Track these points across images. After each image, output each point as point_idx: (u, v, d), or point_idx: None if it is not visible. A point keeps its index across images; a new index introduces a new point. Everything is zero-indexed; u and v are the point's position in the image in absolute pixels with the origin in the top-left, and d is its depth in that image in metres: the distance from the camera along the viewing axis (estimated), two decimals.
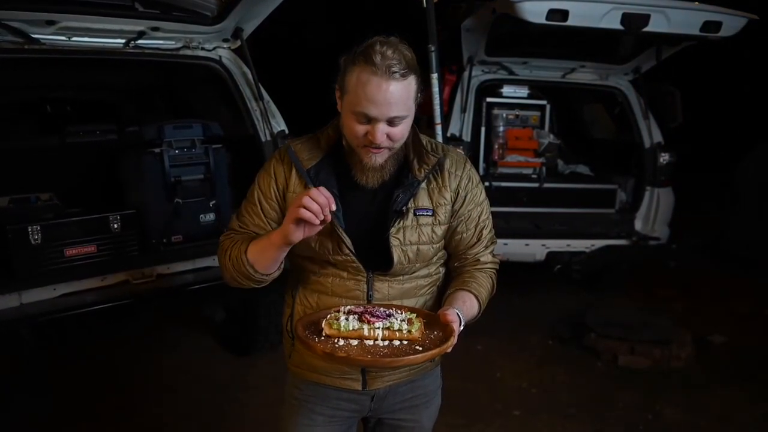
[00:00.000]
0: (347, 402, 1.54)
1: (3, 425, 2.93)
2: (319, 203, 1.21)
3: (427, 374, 1.59)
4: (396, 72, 1.25)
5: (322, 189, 1.24)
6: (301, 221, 1.23)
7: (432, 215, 1.42)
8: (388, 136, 1.31)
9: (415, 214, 1.41)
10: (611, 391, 3.40)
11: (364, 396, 1.53)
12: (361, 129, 1.30)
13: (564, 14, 3.51)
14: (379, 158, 1.34)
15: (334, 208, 1.24)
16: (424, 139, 1.47)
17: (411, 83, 1.29)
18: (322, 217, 1.22)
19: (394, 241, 1.39)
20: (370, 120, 1.29)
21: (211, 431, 2.96)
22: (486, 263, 1.50)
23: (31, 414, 3.04)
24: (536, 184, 4.64)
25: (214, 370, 3.54)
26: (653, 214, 4.50)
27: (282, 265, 1.40)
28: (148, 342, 3.87)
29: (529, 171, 4.76)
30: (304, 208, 1.20)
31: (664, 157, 4.46)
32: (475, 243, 1.49)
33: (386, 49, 1.25)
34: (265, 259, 1.35)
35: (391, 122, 1.30)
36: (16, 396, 3.17)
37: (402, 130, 1.33)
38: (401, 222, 1.39)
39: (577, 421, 3.09)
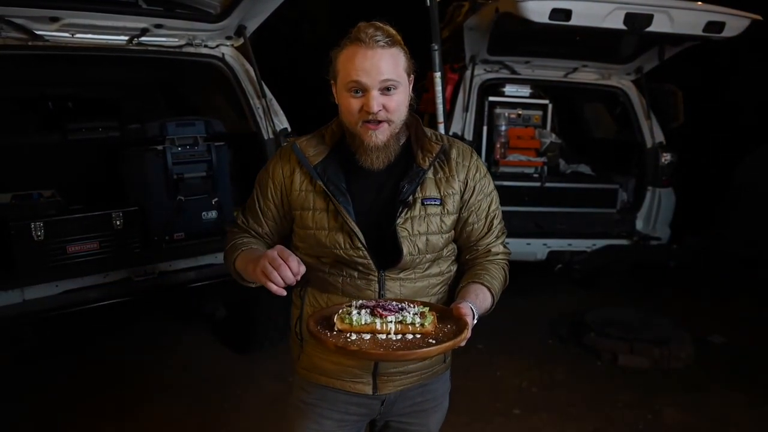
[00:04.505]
0: (357, 406, 1.52)
1: (3, 421, 2.93)
2: (283, 277, 1.26)
3: (437, 378, 1.58)
4: (380, 41, 1.30)
5: (292, 261, 1.26)
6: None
7: (440, 205, 1.42)
8: (385, 108, 1.32)
9: (423, 204, 1.40)
10: (611, 391, 3.41)
11: (375, 400, 1.51)
12: (356, 103, 1.32)
13: (567, 14, 3.51)
14: (379, 135, 1.34)
15: (300, 273, 1.28)
16: (428, 131, 1.48)
17: (398, 54, 1.33)
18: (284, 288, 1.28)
19: (402, 232, 1.38)
20: (363, 91, 1.31)
21: (211, 428, 2.97)
22: (498, 254, 1.50)
23: (32, 410, 3.04)
24: (538, 184, 4.63)
25: (214, 367, 3.54)
26: (654, 214, 4.51)
27: None
28: (149, 339, 3.88)
29: (530, 170, 4.75)
30: (271, 281, 1.26)
31: (665, 157, 4.46)
32: (486, 233, 1.49)
33: (369, 27, 1.32)
34: (248, 274, 1.40)
35: (384, 91, 1.31)
36: (16, 392, 3.18)
37: (397, 101, 1.34)
38: (408, 212, 1.39)
39: (576, 420, 3.10)
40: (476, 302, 1.33)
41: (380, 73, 1.29)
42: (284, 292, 1.28)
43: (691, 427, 3.08)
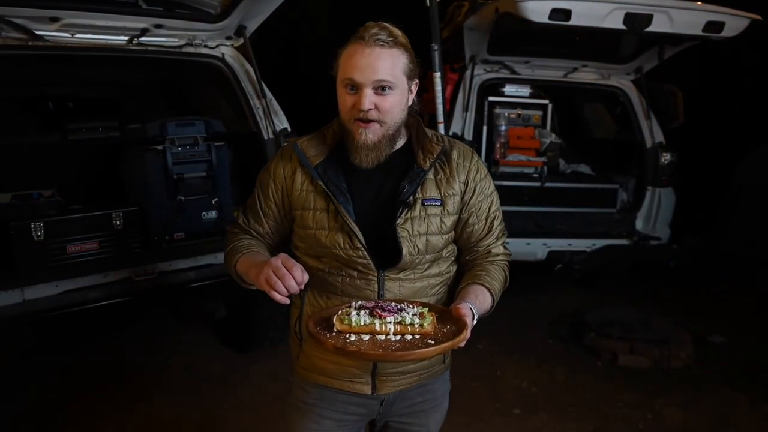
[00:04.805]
0: (356, 406, 1.52)
1: (3, 421, 2.93)
2: (287, 287, 1.25)
3: (436, 379, 1.57)
4: (380, 39, 1.30)
5: (296, 271, 1.25)
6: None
7: (440, 205, 1.42)
8: (377, 107, 1.32)
9: (423, 204, 1.41)
10: (611, 391, 3.41)
11: (374, 400, 1.52)
12: (349, 100, 1.33)
13: (567, 14, 3.51)
14: (369, 134, 1.34)
15: (304, 283, 1.27)
16: (429, 132, 1.48)
17: (398, 55, 1.33)
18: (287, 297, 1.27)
19: (402, 232, 1.38)
20: (357, 88, 1.32)
21: (211, 428, 2.97)
22: (498, 255, 1.49)
23: (32, 410, 3.05)
24: (538, 184, 4.64)
25: (214, 367, 3.54)
26: (654, 214, 4.51)
27: None
28: (149, 339, 3.88)
29: (530, 170, 4.76)
30: (275, 290, 1.25)
31: (665, 157, 4.47)
32: (487, 234, 1.49)
33: (374, 26, 1.32)
34: (250, 278, 1.39)
35: (378, 91, 1.32)
36: (16, 391, 3.18)
37: (391, 102, 1.34)
38: (409, 213, 1.39)
39: (576, 420, 3.10)
40: (476, 303, 1.33)
41: (374, 72, 1.30)
42: (287, 301, 1.28)
43: (691, 427, 3.08)
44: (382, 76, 1.30)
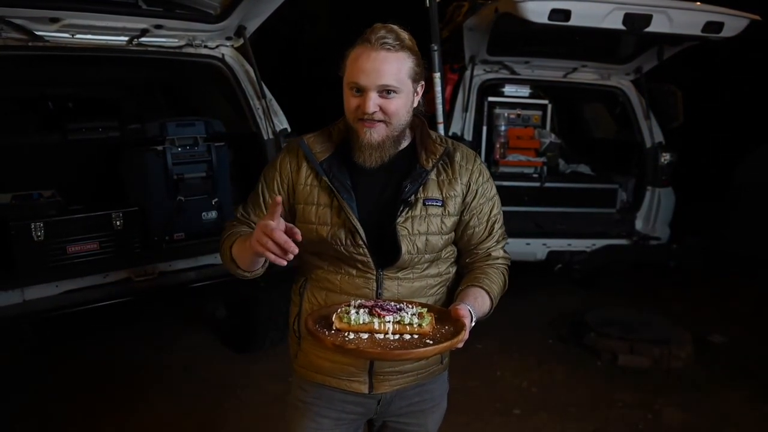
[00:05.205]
0: (353, 405, 1.53)
1: (2, 421, 2.93)
2: (278, 244, 1.18)
3: (434, 379, 1.58)
4: (386, 43, 1.30)
5: (277, 232, 1.18)
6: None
7: (441, 206, 1.43)
8: (382, 110, 1.33)
9: (424, 204, 1.42)
10: (611, 391, 3.41)
11: (371, 399, 1.52)
12: (354, 101, 1.34)
13: (566, 14, 3.51)
14: (374, 134, 1.35)
15: (295, 251, 1.20)
16: (433, 133, 1.49)
17: (404, 59, 1.33)
18: (289, 258, 1.20)
19: (401, 231, 1.39)
20: (362, 90, 1.32)
21: (211, 428, 2.97)
22: (497, 258, 1.50)
23: (31, 410, 3.04)
24: (537, 184, 4.64)
25: (214, 367, 3.55)
26: (654, 213, 4.51)
27: (265, 266, 1.43)
28: (149, 339, 3.88)
29: (530, 170, 4.77)
30: (265, 248, 1.19)
31: (665, 157, 4.47)
32: (487, 237, 1.49)
33: (381, 29, 1.32)
34: (244, 259, 1.39)
35: (383, 94, 1.32)
36: (16, 392, 3.17)
37: (396, 105, 1.34)
38: (410, 212, 1.40)
39: (576, 420, 3.10)
40: (475, 305, 1.34)
41: (379, 77, 1.30)
42: (284, 262, 1.22)
43: (691, 427, 3.08)
44: (386, 80, 1.31)
